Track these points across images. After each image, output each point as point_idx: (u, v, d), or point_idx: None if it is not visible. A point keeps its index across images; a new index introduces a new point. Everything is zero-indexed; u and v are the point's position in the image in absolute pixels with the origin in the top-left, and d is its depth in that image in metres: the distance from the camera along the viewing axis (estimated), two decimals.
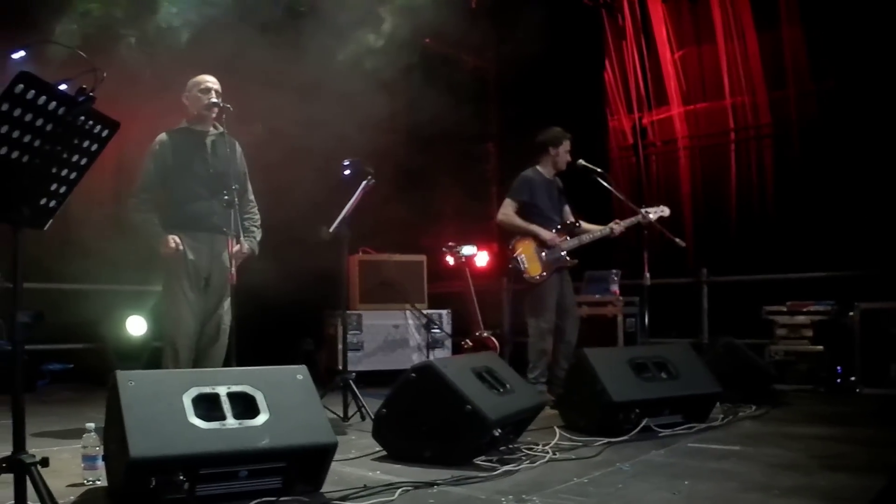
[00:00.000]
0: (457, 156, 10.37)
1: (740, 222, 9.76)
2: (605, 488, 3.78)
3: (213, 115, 5.52)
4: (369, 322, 8.92)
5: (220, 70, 5.83)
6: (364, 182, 6.23)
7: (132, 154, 6.21)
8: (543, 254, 7.08)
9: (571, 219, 7.33)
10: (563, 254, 7.10)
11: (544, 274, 7.03)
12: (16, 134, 2.83)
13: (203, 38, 7.20)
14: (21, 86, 2.76)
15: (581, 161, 7.22)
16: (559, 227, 7.21)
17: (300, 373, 3.86)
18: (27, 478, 2.95)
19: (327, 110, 7.78)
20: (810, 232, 8.90)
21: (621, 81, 10.80)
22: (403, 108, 8.45)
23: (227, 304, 5.59)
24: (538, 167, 7.35)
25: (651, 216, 7.11)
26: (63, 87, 2.93)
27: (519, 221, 7.16)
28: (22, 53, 3.73)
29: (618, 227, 7.19)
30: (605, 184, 7.21)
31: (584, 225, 7.27)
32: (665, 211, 7.20)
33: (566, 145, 7.28)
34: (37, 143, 2.91)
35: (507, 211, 7.24)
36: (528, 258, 7.09)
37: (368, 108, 8.21)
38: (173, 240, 5.40)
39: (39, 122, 2.88)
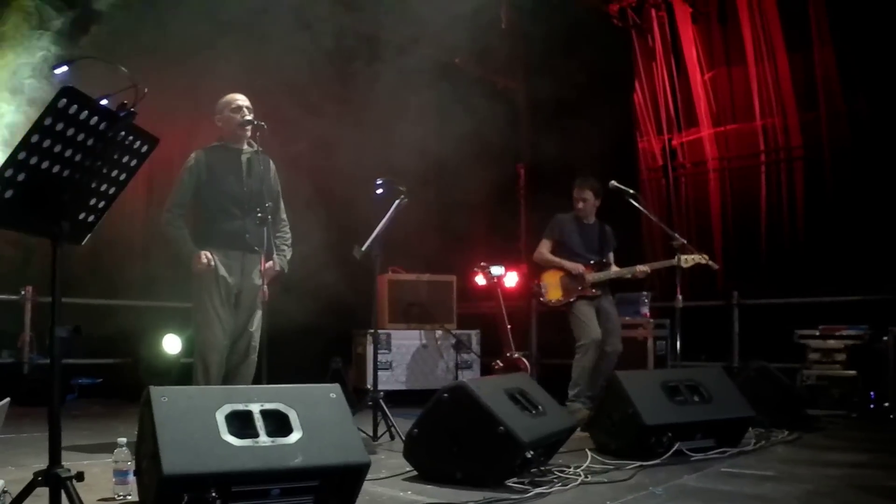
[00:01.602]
0: (486, 177, 10.34)
1: (771, 245, 9.66)
2: None
3: (248, 133, 5.55)
4: (398, 341, 8.92)
5: (253, 87, 5.86)
6: (396, 201, 6.22)
7: (164, 169, 6.26)
8: (566, 282, 7.40)
9: (610, 262, 7.56)
10: (583, 286, 7.35)
11: (562, 299, 7.40)
12: (58, 148, 2.83)
13: (241, 56, 7.24)
14: (64, 100, 2.77)
15: (613, 182, 7.25)
16: (591, 263, 7.43)
17: (333, 391, 3.83)
18: (62, 491, 2.94)
19: (360, 131, 7.80)
20: (843, 255, 8.80)
21: (651, 103, 10.76)
22: (433, 129, 8.45)
23: (257, 321, 5.60)
24: (574, 210, 7.63)
25: (685, 263, 7.07)
26: (104, 102, 2.94)
27: (549, 256, 7.58)
28: (64, 68, 3.73)
29: (641, 271, 7.37)
30: (637, 205, 7.21)
31: (613, 267, 7.54)
32: (703, 259, 7.12)
33: (576, 192, 7.54)
34: (78, 157, 2.92)
35: (541, 249, 7.65)
36: (549, 285, 7.52)
37: (399, 128, 8.23)
38: (205, 255, 5.42)
39: (81, 137, 2.89)
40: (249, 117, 5.51)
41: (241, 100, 5.62)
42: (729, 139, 10.18)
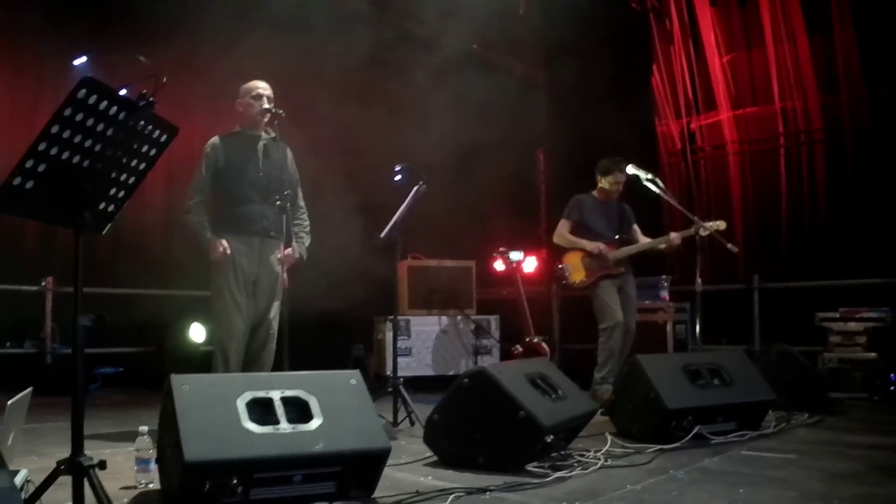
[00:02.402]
0: (506, 162, 10.31)
1: (792, 228, 9.61)
2: (661, 496, 3.71)
3: (266, 121, 5.57)
4: (418, 328, 8.92)
5: (273, 75, 5.86)
6: (415, 188, 6.21)
7: (185, 158, 6.28)
8: (588, 262, 7.32)
9: (637, 237, 7.48)
10: (608, 265, 7.28)
11: (585, 280, 7.32)
12: (78, 139, 2.84)
13: (258, 43, 7.23)
14: (84, 91, 2.77)
15: (631, 166, 7.22)
16: (614, 240, 7.37)
17: (354, 378, 3.85)
18: (84, 480, 2.96)
19: (379, 117, 7.79)
20: (863, 237, 8.75)
21: (669, 86, 10.70)
22: (453, 115, 8.42)
23: (275, 308, 5.62)
24: (594, 192, 7.58)
25: (703, 231, 7.05)
26: (123, 91, 2.94)
27: (569, 236, 7.49)
28: (84, 59, 3.75)
29: (677, 238, 7.26)
30: (656, 188, 7.17)
31: (640, 237, 7.45)
32: (721, 225, 7.12)
33: (617, 176, 7.40)
34: (98, 147, 2.92)
35: (561, 230, 7.55)
36: (572, 266, 7.44)
37: (419, 115, 8.22)
38: (221, 244, 5.44)
39: (101, 127, 2.89)
40: (268, 106, 5.51)
41: (263, 87, 5.62)
42: (749, 122, 10.12)
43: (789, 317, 8.52)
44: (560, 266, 7.51)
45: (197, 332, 8.36)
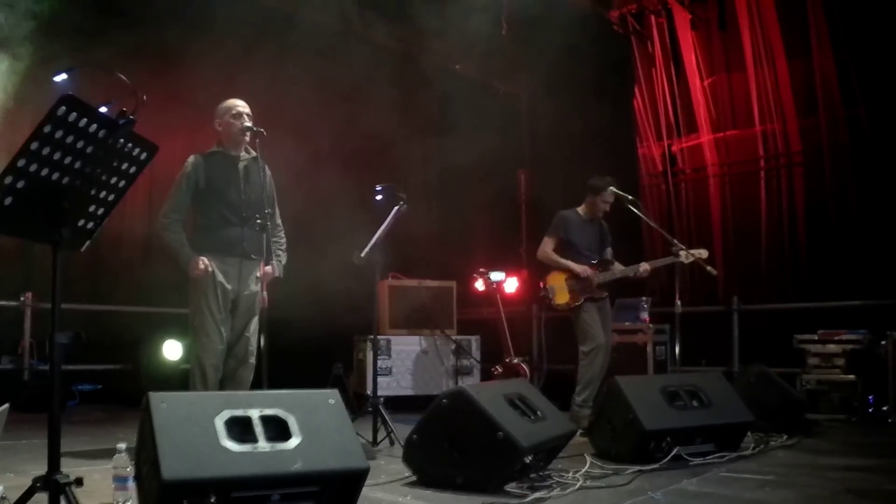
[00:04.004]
0: (487, 182, 10.35)
1: (771, 250, 9.65)
2: None
3: (247, 140, 5.56)
4: (398, 347, 8.92)
5: (251, 92, 5.87)
6: (396, 207, 6.23)
7: (164, 176, 6.28)
8: (572, 284, 7.29)
9: (610, 257, 7.51)
10: (591, 288, 7.28)
11: (570, 303, 7.28)
12: (57, 156, 2.85)
13: (239, 63, 7.26)
14: (63, 108, 2.78)
15: (612, 188, 7.28)
16: (595, 262, 7.38)
17: (332, 397, 3.84)
18: (61, 497, 2.94)
19: (359, 136, 7.82)
20: (842, 260, 8.81)
21: (651, 108, 10.75)
22: (434, 135, 8.47)
23: (254, 325, 5.62)
24: (578, 209, 7.58)
25: (687, 258, 7.10)
26: (103, 109, 2.95)
27: (554, 257, 7.43)
28: (64, 76, 3.75)
29: (646, 269, 7.34)
30: (637, 212, 7.24)
31: (616, 264, 7.47)
32: (704, 253, 7.19)
33: (608, 195, 7.43)
34: (77, 165, 2.93)
35: (545, 248, 7.50)
36: (557, 288, 7.38)
37: (399, 134, 8.25)
38: (202, 261, 5.42)
39: (80, 145, 2.90)
40: (249, 124, 5.50)
41: (242, 106, 5.60)
42: (729, 145, 10.18)
43: (768, 339, 8.56)
44: (544, 287, 7.47)
45: (172, 350, 8.33)
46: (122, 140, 3.06)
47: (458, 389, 4.60)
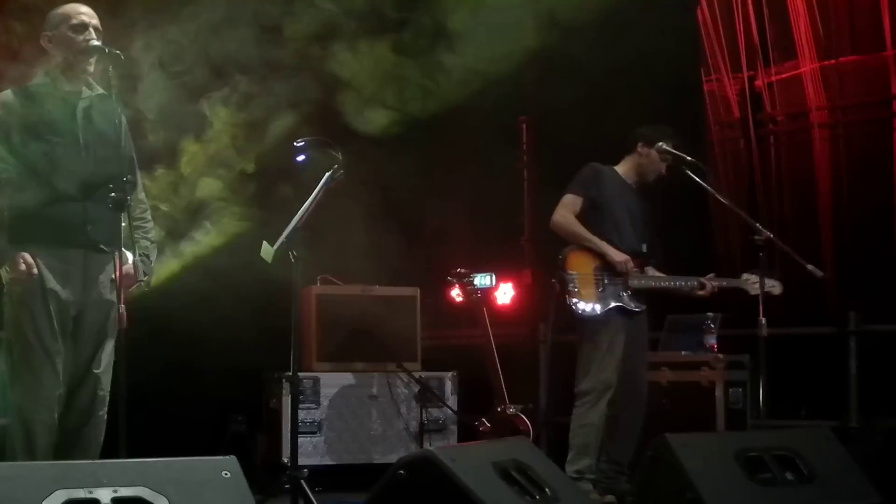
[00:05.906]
0: (473, 134, 10.29)
1: None
2: None
3: (91, 67, 5.47)
4: (331, 390, 8.88)
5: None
6: (327, 174, 6.13)
7: None
8: (605, 282, 7.14)
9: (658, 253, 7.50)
10: (625, 293, 7.18)
11: (596, 310, 7.10)
12: None
13: None
14: None
15: (662, 145, 7.22)
16: (639, 252, 7.32)
17: (228, 468, 3.81)
18: None
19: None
20: None
21: (723, 23, 10.76)
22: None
23: (106, 357, 5.53)
24: (616, 167, 7.47)
25: (752, 287, 7.10)
26: None
27: (580, 228, 7.21)
28: None
29: (710, 285, 7.32)
30: (701, 181, 7.21)
31: (653, 271, 7.47)
32: (777, 289, 7.16)
33: (662, 152, 7.34)
34: None
35: (565, 212, 7.28)
36: (581, 281, 7.14)
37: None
38: (23, 258, 5.32)
39: None
40: (97, 42, 5.40)
41: (87, 15, 5.48)
42: (845, 79, 10.18)
43: None
44: (564, 271, 7.18)
45: None
46: None
47: (422, 454, 4.61)
